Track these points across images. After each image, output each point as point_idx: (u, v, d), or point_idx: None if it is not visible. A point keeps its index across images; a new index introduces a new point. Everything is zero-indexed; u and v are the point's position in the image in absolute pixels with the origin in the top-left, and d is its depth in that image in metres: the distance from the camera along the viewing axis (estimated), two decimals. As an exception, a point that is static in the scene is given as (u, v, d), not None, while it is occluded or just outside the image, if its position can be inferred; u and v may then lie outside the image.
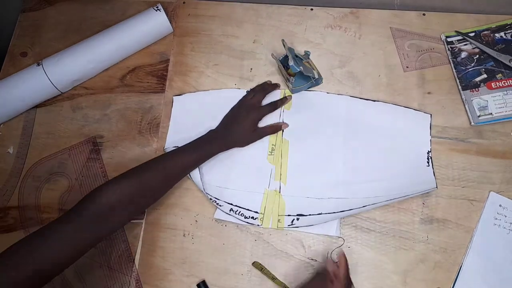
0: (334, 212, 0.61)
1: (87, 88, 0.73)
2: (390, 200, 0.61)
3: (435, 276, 0.59)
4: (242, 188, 0.64)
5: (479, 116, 0.65)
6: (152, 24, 0.72)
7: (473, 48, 0.70)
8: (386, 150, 0.65)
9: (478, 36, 0.70)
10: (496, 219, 0.61)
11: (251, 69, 0.72)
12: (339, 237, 0.61)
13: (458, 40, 0.70)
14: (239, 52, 0.73)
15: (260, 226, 0.62)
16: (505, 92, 0.66)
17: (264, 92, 0.69)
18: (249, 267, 0.61)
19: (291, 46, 0.70)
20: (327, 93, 0.70)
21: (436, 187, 0.62)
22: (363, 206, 0.61)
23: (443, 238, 0.61)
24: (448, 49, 0.70)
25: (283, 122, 0.68)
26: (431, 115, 0.67)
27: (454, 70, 0.69)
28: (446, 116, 0.67)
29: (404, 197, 0.61)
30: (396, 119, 0.67)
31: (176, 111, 0.70)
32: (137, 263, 0.62)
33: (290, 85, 0.68)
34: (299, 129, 0.68)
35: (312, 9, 0.75)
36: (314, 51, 0.71)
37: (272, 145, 0.67)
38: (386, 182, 0.63)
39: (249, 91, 0.70)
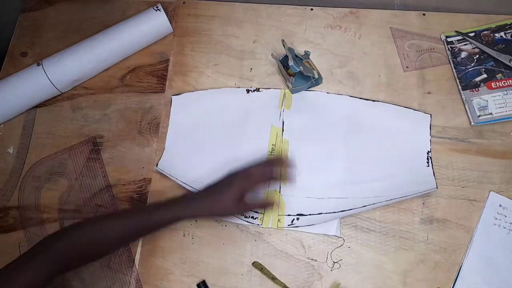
0: (334, 212, 0.61)
1: (87, 88, 0.73)
2: (390, 200, 0.61)
3: (435, 276, 0.59)
4: (242, 188, 0.64)
5: (479, 116, 0.65)
6: (152, 24, 0.72)
7: (473, 48, 0.70)
8: (386, 150, 0.65)
9: (478, 36, 0.70)
10: (496, 219, 0.61)
11: (251, 69, 0.72)
12: (339, 237, 0.61)
13: (458, 40, 0.70)
14: (239, 52, 0.73)
15: (260, 226, 0.62)
16: (505, 92, 0.66)
17: (271, 166, 0.58)
18: (249, 267, 0.61)
19: (291, 46, 0.70)
20: (327, 93, 0.70)
21: (436, 187, 0.62)
22: (363, 206, 0.61)
23: (443, 238, 0.61)
24: (448, 49, 0.70)
25: (271, 202, 0.59)
26: (431, 115, 0.67)
27: (454, 70, 0.69)
28: (446, 116, 0.67)
29: (404, 197, 0.61)
30: (396, 119, 0.67)
31: (175, 111, 0.70)
32: (137, 263, 0.62)
33: (290, 85, 0.68)
34: (299, 129, 0.68)
35: (312, 9, 0.75)
36: (314, 51, 0.71)
37: (272, 145, 0.67)
38: (386, 182, 0.63)
39: (257, 163, 0.58)
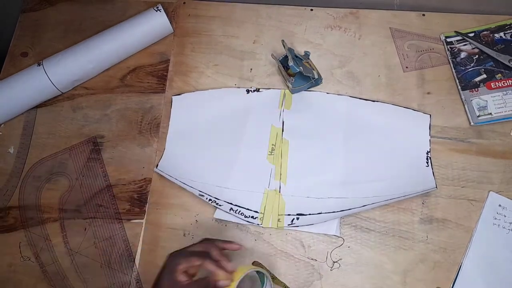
0: (334, 212, 0.61)
1: (87, 88, 0.73)
2: (390, 200, 0.61)
3: (435, 276, 0.59)
4: (242, 188, 0.65)
5: (478, 116, 0.65)
6: (153, 25, 0.72)
7: (472, 48, 0.70)
8: (385, 150, 0.65)
9: (477, 36, 0.70)
10: (495, 219, 0.61)
11: (251, 69, 0.72)
12: (339, 236, 0.62)
13: (457, 40, 0.70)
14: (239, 52, 0.73)
15: (260, 226, 0.62)
16: (504, 92, 0.66)
17: (209, 246, 0.53)
18: (249, 266, 0.61)
19: (291, 46, 0.70)
20: (327, 93, 0.70)
21: (436, 187, 0.62)
22: (363, 206, 0.61)
23: (443, 238, 0.61)
24: (448, 49, 0.70)
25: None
26: (430, 115, 0.67)
27: (454, 70, 0.69)
28: (445, 116, 0.67)
29: (403, 197, 0.61)
30: (396, 119, 0.67)
31: (175, 111, 0.70)
32: (137, 262, 0.62)
33: (290, 85, 0.68)
34: (299, 129, 0.68)
35: (312, 9, 0.75)
36: (314, 51, 0.71)
37: (272, 145, 0.67)
38: (386, 182, 0.63)
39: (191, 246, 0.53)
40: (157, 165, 0.67)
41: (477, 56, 0.69)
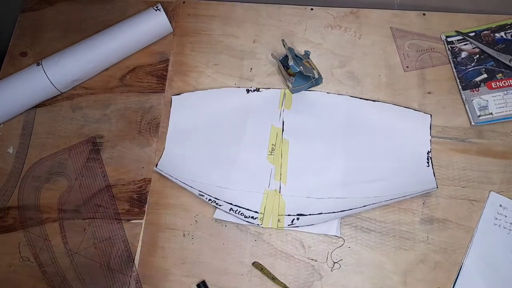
0: (334, 212, 0.61)
1: (86, 88, 0.73)
2: (390, 200, 0.61)
3: (435, 276, 0.59)
4: (242, 188, 0.64)
5: (479, 116, 0.65)
6: (152, 24, 0.72)
7: (473, 48, 0.70)
8: (386, 150, 0.65)
9: (478, 36, 0.70)
10: (496, 219, 0.61)
11: (251, 69, 0.72)
12: (339, 237, 0.61)
13: (458, 40, 0.70)
14: (239, 52, 0.73)
15: (260, 226, 0.62)
16: (505, 92, 0.66)
17: None
18: (249, 267, 0.61)
19: (291, 46, 0.70)
20: (327, 93, 0.69)
21: (437, 187, 0.62)
22: (363, 206, 0.61)
23: (443, 238, 0.60)
24: (448, 49, 0.70)
25: None
26: (431, 115, 0.66)
27: (454, 70, 0.69)
28: (446, 116, 0.67)
29: (404, 197, 0.61)
30: (396, 119, 0.67)
31: (175, 110, 0.70)
32: (137, 263, 0.62)
33: (290, 85, 0.68)
34: (299, 129, 0.68)
35: (312, 9, 0.75)
36: (314, 51, 0.71)
37: (272, 145, 0.67)
38: (386, 182, 0.63)
39: None
40: (156, 164, 0.67)
41: (477, 56, 0.69)
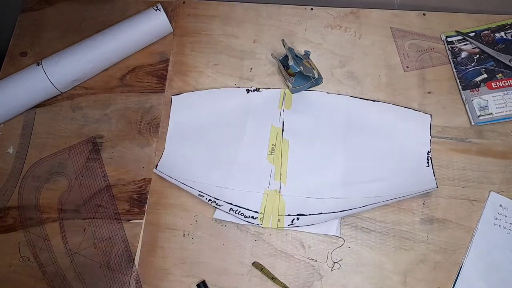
0: (334, 212, 0.61)
1: (86, 88, 0.73)
2: (390, 200, 0.61)
3: (435, 276, 0.59)
4: (242, 188, 0.64)
5: (479, 116, 0.65)
6: (152, 24, 0.72)
7: (473, 48, 0.70)
8: (386, 150, 0.65)
9: (478, 36, 0.70)
10: (496, 219, 0.61)
11: (251, 69, 0.72)
12: (339, 237, 0.61)
13: (458, 40, 0.70)
14: (239, 52, 0.73)
15: (260, 226, 0.62)
16: (505, 92, 0.66)
17: None
18: (249, 267, 0.61)
19: (291, 46, 0.70)
20: (327, 93, 0.69)
21: (437, 187, 0.62)
22: (363, 206, 0.61)
23: (443, 238, 0.60)
24: (448, 49, 0.70)
25: None
26: (431, 115, 0.66)
27: (454, 70, 0.69)
28: (446, 116, 0.67)
29: (404, 197, 0.61)
30: (396, 119, 0.67)
31: (175, 110, 0.70)
32: (137, 263, 0.62)
33: (290, 85, 0.68)
34: (299, 129, 0.68)
35: (312, 9, 0.75)
36: (314, 51, 0.71)
37: (272, 145, 0.67)
38: (386, 182, 0.63)
39: None
40: (156, 165, 0.66)
41: (477, 56, 0.69)
